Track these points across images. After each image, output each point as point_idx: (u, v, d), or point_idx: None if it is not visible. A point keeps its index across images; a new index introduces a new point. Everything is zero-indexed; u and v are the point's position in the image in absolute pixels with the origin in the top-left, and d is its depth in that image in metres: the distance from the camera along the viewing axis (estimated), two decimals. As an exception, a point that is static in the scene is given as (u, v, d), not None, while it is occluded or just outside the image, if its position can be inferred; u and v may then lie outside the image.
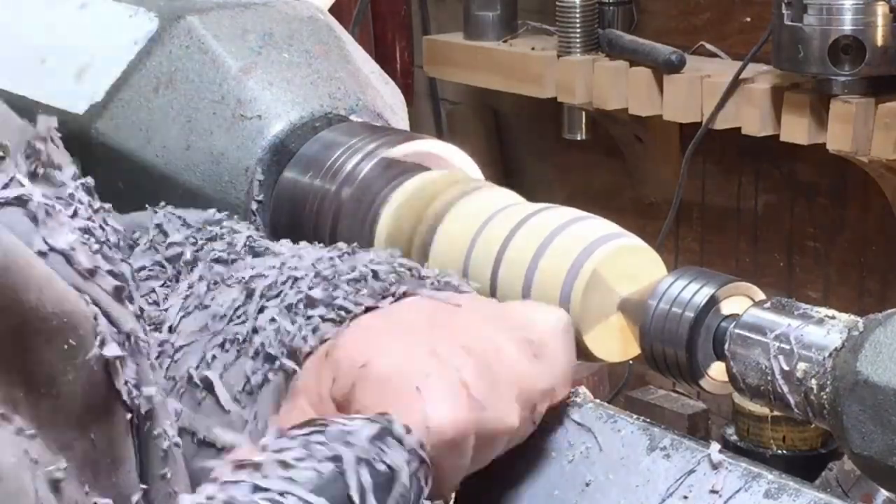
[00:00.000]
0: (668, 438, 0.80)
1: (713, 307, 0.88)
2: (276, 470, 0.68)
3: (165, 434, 0.74)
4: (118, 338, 0.70)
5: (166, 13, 1.24)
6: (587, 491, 0.80)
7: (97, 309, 0.69)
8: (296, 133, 1.17)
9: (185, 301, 0.86)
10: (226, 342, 0.82)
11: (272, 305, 0.83)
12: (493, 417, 0.77)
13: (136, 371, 0.71)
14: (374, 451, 0.71)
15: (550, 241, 0.96)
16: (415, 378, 0.75)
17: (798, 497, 0.73)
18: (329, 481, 0.69)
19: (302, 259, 0.87)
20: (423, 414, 0.74)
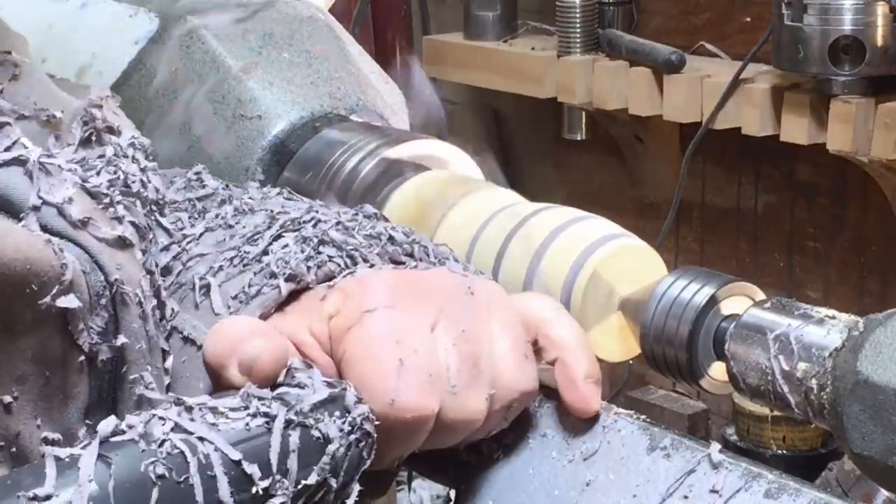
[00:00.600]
0: (668, 438, 0.80)
1: (713, 307, 0.88)
2: (205, 415, 0.70)
3: (141, 379, 0.79)
4: (98, 286, 0.77)
5: (166, 13, 1.24)
6: (587, 491, 0.80)
7: (71, 258, 0.75)
8: (296, 133, 1.17)
9: (213, 221, 0.90)
10: (236, 257, 0.85)
11: (289, 234, 0.85)
12: (460, 409, 0.77)
13: (107, 320, 0.77)
14: (312, 417, 0.72)
15: (550, 241, 0.96)
16: (403, 350, 0.76)
17: (798, 497, 0.73)
18: (253, 436, 0.70)
19: (328, 209, 0.89)
20: (395, 389, 0.75)
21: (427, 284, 0.81)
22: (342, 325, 0.78)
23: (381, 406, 0.75)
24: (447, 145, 1.15)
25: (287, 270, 0.82)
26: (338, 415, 0.73)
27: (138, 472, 0.67)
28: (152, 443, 0.68)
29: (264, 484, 0.69)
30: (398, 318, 0.77)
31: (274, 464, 0.70)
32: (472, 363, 0.78)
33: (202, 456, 0.68)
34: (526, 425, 0.84)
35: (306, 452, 0.71)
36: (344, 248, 0.84)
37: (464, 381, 0.77)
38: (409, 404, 0.75)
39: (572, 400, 0.82)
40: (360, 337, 0.77)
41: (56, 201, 0.77)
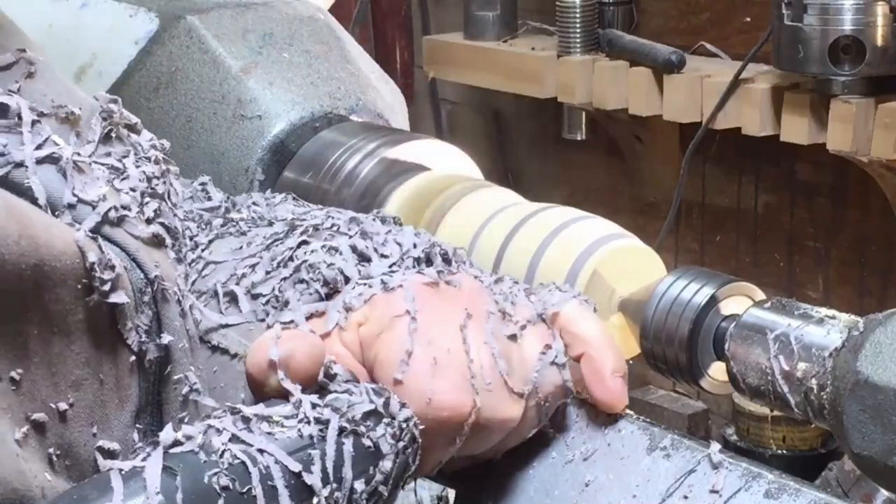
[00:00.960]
0: (668, 438, 0.80)
1: (713, 307, 0.88)
2: (260, 424, 0.70)
3: (186, 380, 0.78)
4: (140, 283, 0.76)
5: (166, 13, 1.24)
6: (587, 491, 0.80)
7: (111, 254, 0.74)
8: (296, 133, 1.17)
9: (222, 228, 0.90)
10: (258, 265, 0.84)
11: (313, 241, 0.84)
12: (496, 407, 0.78)
13: (153, 317, 0.76)
14: (363, 424, 0.72)
15: (550, 241, 0.96)
16: (435, 350, 0.76)
17: (798, 497, 0.73)
18: (307, 445, 0.70)
19: (343, 214, 0.88)
20: (431, 389, 0.75)
21: (451, 287, 0.81)
22: (372, 331, 0.78)
23: (418, 406, 0.75)
24: (447, 145, 1.15)
25: (320, 276, 0.82)
26: (387, 421, 0.73)
27: (203, 484, 0.67)
28: (212, 454, 0.68)
29: (325, 493, 0.69)
30: (427, 320, 0.78)
31: (330, 472, 0.70)
32: (504, 361, 0.78)
33: (262, 467, 0.68)
34: (526, 425, 0.84)
35: (360, 460, 0.71)
36: (367, 255, 0.83)
37: (498, 379, 0.77)
38: (446, 402, 0.75)
39: (601, 395, 0.82)
40: (392, 340, 0.77)
41: (90, 199, 0.77)
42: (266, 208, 0.93)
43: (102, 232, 0.76)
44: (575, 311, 0.83)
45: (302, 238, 0.85)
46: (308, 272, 0.82)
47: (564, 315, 0.82)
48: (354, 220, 0.87)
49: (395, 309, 0.78)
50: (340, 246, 0.83)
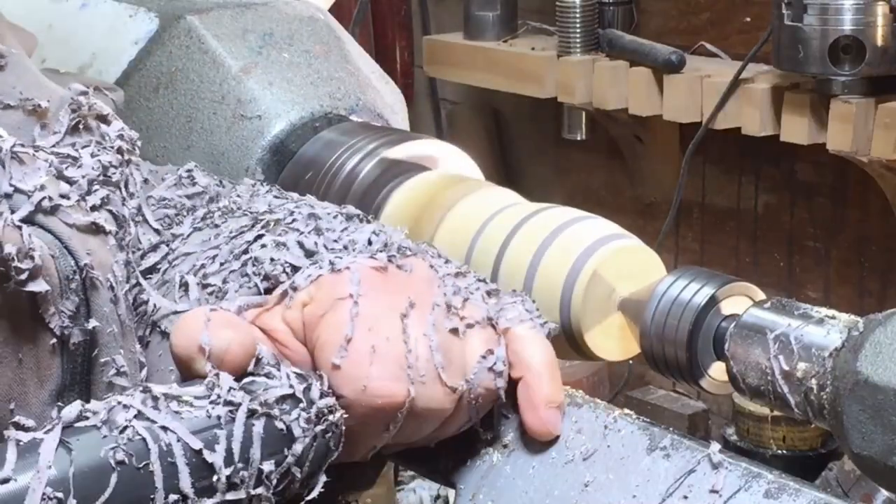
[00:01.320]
0: (668, 438, 0.80)
1: (713, 307, 0.88)
2: (170, 403, 0.72)
3: (113, 363, 0.80)
4: (68, 270, 0.78)
5: (166, 13, 1.24)
6: (587, 491, 0.80)
7: (39, 243, 0.76)
8: (296, 133, 1.17)
9: (201, 221, 0.92)
10: (218, 256, 0.87)
11: (268, 237, 0.86)
12: (429, 398, 0.78)
13: (77, 303, 0.79)
14: (278, 408, 0.73)
15: (550, 242, 0.96)
16: (375, 337, 0.77)
17: (798, 497, 0.73)
18: (215, 425, 0.72)
19: (312, 208, 0.90)
20: (367, 376, 0.76)
21: (401, 273, 0.82)
22: (315, 312, 0.79)
23: (353, 392, 0.76)
24: (447, 145, 1.15)
25: (262, 271, 0.84)
26: (303, 406, 0.74)
27: (98, 458, 0.68)
28: (115, 429, 0.70)
29: (226, 472, 0.71)
30: (370, 306, 0.78)
31: (236, 452, 0.72)
32: (441, 354, 0.79)
33: (164, 444, 0.70)
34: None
35: (270, 442, 0.73)
36: (315, 251, 0.84)
37: (432, 371, 0.78)
38: (381, 390, 0.77)
39: (531, 423, 0.82)
40: (333, 323, 0.78)
41: (27, 188, 0.79)
42: (246, 199, 0.94)
43: (36, 220, 0.79)
44: (525, 333, 0.83)
45: (259, 232, 0.87)
46: (252, 266, 0.84)
47: (514, 334, 0.83)
48: (313, 216, 0.88)
49: (339, 291, 0.79)
50: (288, 242, 0.85)
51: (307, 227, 0.87)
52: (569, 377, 2.82)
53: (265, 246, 0.85)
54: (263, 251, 0.85)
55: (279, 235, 0.86)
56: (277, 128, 1.17)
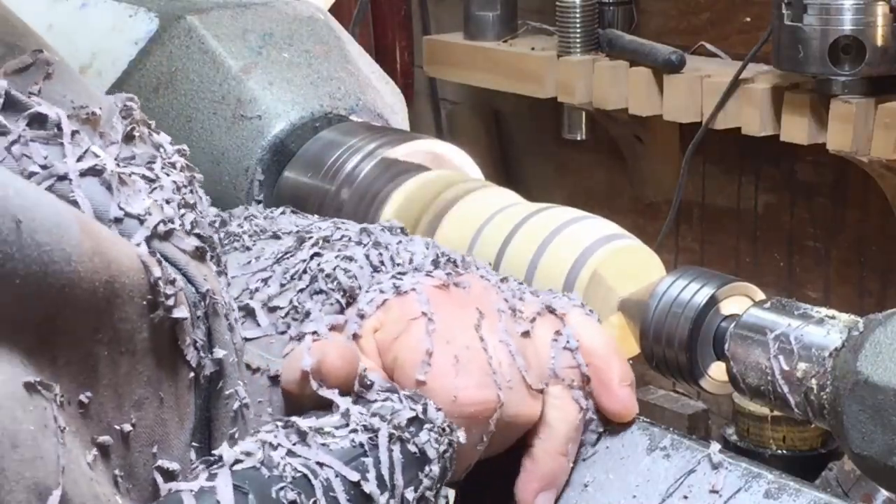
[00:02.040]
0: (668, 438, 0.80)
1: (713, 307, 0.88)
2: (314, 437, 0.70)
3: (236, 395, 0.76)
4: (193, 297, 0.74)
5: (166, 13, 1.24)
6: (587, 491, 0.80)
7: (169, 268, 0.72)
8: (296, 133, 1.17)
9: (228, 245, 0.88)
10: (271, 278, 0.83)
11: (326, 253, 0.84)
12: (519, 402, 0.78)
13: (206, 332, 0.75)
14: (408, 431, 0.72)
15: (550, 241, 0.96)
16: (455, 348, 0.77)
17: (798, 497, 0.73)
18: (361, 454, 0.71)
19: (350, 224, 0.88)
20: (455, 386, 0.76)
21: (462, 289, 0.81)
22: (389, 336, 0.78)
23: (444, 404, 0.75)
24: (447, 145, 1.15)
25: (338, 285, 0.81)
26: (429, 427, 0.73)
27: (271, 499, 0.67)
28: (273, 468, 0.68)
29: (382, 500, 0.70)
30: (443, 321, 0.78)
31: (386, 479, 0.71)
32: (521, 358, 0.79)
33: (323, 479, 0.69)
34: (526, 425, 0.84)
35: (407, 467, 0.72)
36: (380, 268, 0.83)
37: (517, 376, 0.78)
38: (471, 398, 0.76)
39: (610, 405, 0.82)
40: (411, 342, 0.77)
41: (136, 212, 0.74)
42: (266, 221, 0.92)
43: (152, 246, 0.74)
44: (580, 319, 0.83)
45: (314, 250, 0.84)
46: (326, 282, 0.82)
47: (570, 320, 0.83)
48: (365, 230, 0.87)
49: (410, 312, 0.78)
50: (355, 255, 0.83)
51: (364, 241, 0.85)
52: (569, 377, 2.83)
53: (329, 261, 0.83)
54: (330, 265, 0.83)
55: (340, 250, 0.84)
56: (277, 128, 1.17)
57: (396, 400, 0.74)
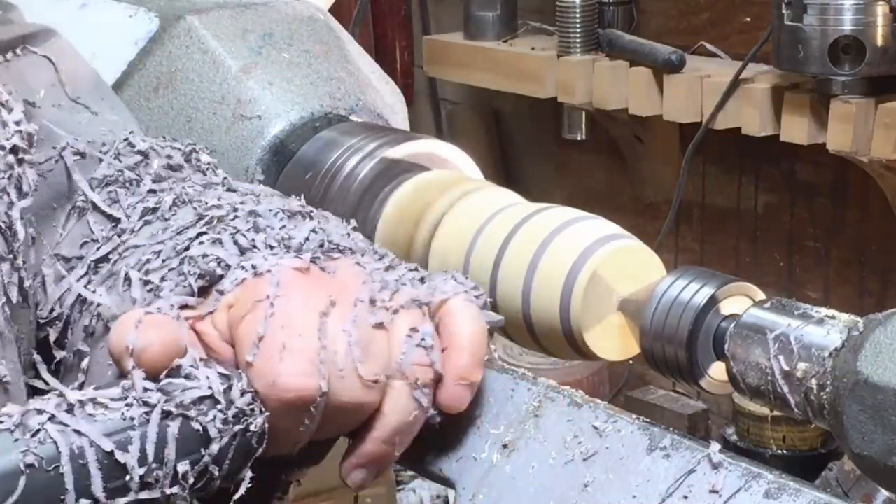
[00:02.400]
0: (668, 438, 0.80)
1: (713, 307, 0.88)
2: (85, 405, 0.74)
3: (70, 352, 0.84)
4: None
5: (166, 13, 1.24)
6: (587, 491, 0.80)
7: None
8: (296, 133, 1.17)
9: (152, 213, 0.92)
10: (161, 252, 0.88)
11: (209, 234, 0.87)
12: (349, 391, 0.80)
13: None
14: (195, 409, 0.76)
15: (550, 241, 0.96)
16: (286, 335, 0.79)
17: (798, 497, 0.73)
18: (129, 427, 0.74)
19: (258, 203, 0.91)
20: (276, 372, 0.78)
21: (327, 274, 0.84)
22: (238, 314, 0.81)
23: (264, 387, 0.78)
24: (447, 145, 1.15)
25: (196, 270, 0.85)
26: (221, 407, 0.76)
27: (9, 461, 0.71)
28: (27, 433, 0.71)
29: (140, 472, 0.73)
30: (286, 306, 0.80)
31: (150, 453, 0.74)
32: (360, 348, 0.80)
33: (76, 447, 0.72)
34: (526, 424, 0.84)
35: (185, 442, 0.75)
36: (251, 247, 0.86)
37: (350, 366, 0.80)
38: (289, 385, 0.78)
39: (440, 397, 0.84)
40: (248, 324, 0.80)
41: None
42: (199, 190, 0.94)
43: None
44: (456, 307, 0.84)
45: (202, 229, 0.88)
46: (188, 264, 0.85)
47: (445, 309, 0.84)
48: (254, 212, 0.89)
49: (259, 293, 0.81)
50: (224, 239, 0.86)
51: (246, 224, 0.88)
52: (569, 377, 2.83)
53: (203, 243, 0.86)
54: (199, 248, 0.86)
55: (218, 233, 0.87)
56: (277, 128, 1.17)
57: (198, 377, 0.76)
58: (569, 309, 0.94)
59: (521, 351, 2.81)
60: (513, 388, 0.88)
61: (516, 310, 0.96)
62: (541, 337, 0.97)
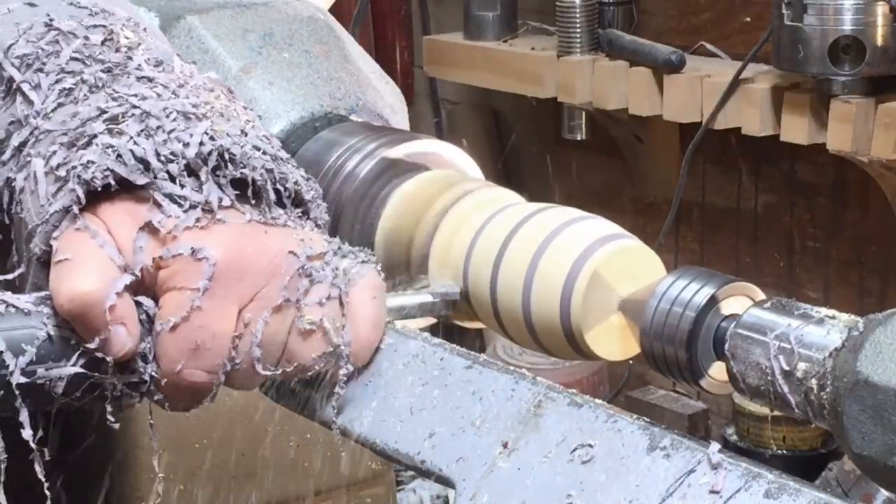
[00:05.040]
0: (668, 438, 0.80)
1: (713, 307, 0.88)
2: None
3: None
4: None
5: (166, 13, 1.24)
6: (587, 491, 0.80)
7: None
8: (296, 133, 1.17)
9: (66, 95, 0.92)
10: (66, 143, 0.88)
11: (103, 130, 0.87)
12: (241, 382, 0.86)
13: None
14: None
15: (550, 241, 0.96)
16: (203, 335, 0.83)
17: (798, 497, 0.73)
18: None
19: (176, 97, 0.91)
20: (181, 363, 0.83)
21: (255, 259, 0.85)
22: (166, 279, 0.84)
23: (165, 365, 0.83)
24: (447, 145, 1.15)
25: (82, 176, 0.85)
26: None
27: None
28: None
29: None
30: (211, 301, 0.83)
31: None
32: (265, 347, 0.85)
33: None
34: (526, 424, 0.84)
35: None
36: (146, 159, 0.86)
37: (249, 362, 0.85)
38: (191, 377, 0.84)
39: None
40: (172, 304, 0.83)
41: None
42: (114, 74, 0.93)
43: None
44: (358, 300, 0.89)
45: (101, 128, 0.87)
46: (81, 166, 0.85)
47: (351, 299, 0.88)
48: (147, 113, 0.88)
49: (190, 279, 0.83)
50: (120, 149, 0.86)
51: (139, 126, 0.87)
52: (569, 377, 2.83)
53: (96, 146, 0.86)
54: (94, 149, 0.86)
55: (115, 136, 0.87)
56: (277, 128, 1.17)
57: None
58: (569, 309, 0.94)
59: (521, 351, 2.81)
60: (513, 388, 0.88)
61: (516, 310, 0.96)
62: (541, 337, 0.97)
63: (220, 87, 0.95)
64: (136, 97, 0.90)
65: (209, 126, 0.89)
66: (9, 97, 0.93)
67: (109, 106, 0.89)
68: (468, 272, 0.99)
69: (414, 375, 0.93)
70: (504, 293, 0.97)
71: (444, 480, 0.87)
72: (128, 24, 0.99)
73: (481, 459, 0.85)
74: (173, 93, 0.91)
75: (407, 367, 0.93)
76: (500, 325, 0.99)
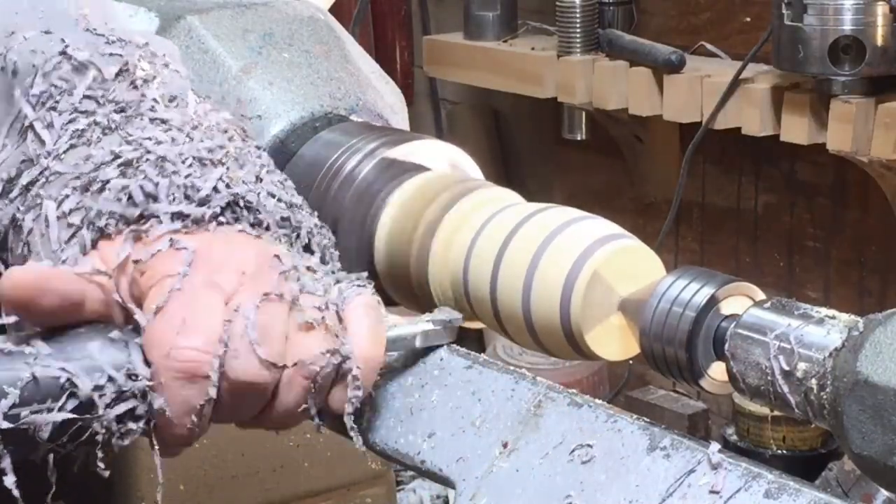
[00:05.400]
0: (668, 438, 0.80)
1: (713, 307, 0.88)
2: None
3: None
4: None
5: (166, 13, 1.24)
6: (587, 491, 0.80)
7: None
8: (296, 133, 1.17)
9: (79, 136, 0.91)
10: (79, 187, 0.88)
11: (118, 180, 0.87)
12: (242, 371, 0.82)
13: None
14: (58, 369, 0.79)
15: (550, 241, 0.96)
16: (187, 310, 0.81)
17: (798, 497, 0.73)
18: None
19: (190, 140, 0.91)
20: (172, 343, 0.80)
21: (233, 254, 0.85)
22: (147, 283, 0.83)
23: (157, 357, 0.80)
24: (447, 145, 1.15)
25: (94, 222, 0.85)
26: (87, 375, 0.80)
27: None
28: None
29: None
30: (192, 282, 0.82)
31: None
32: (261, 331, 0.82)
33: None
34: (526, 424, 0.84)
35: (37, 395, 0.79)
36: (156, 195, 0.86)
37: (245, 346, 0.81)
38: (184, 356, 0.80)
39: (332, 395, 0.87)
40: (155, 294, 0.82)
41: None
42: (127, 115, 0.93)
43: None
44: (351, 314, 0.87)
45: (114, 172, 0.87)
46: (93, 213, 0.86)
47: (348, 315, 0.86)
48: (163, 158, 0.88)
49: (170, 268, 0.82)
50: (131, 188, 0.86)
51: (152, 171, 0.87)
52: (569, 377, 2.83)
53: (109, 191, 0.86)
54: (105, 202, 0.86)
55: (128, 178, 0.87)
56: (277, 128, 1.17)
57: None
58: (569, 309, 0.93)
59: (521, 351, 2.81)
60: (513, 388, 0.88)
61: (516, 310, 0.96)
62: (541, 337, 0.97)
63: (233, 127, 0.95)
64: (150, 141, 0.90)
65: (224, 173, 0.89)
66: (20, 135, 0.92)
67: (123, 150, 0.89)
68: (468, 273, 0.99)
69: (414, 375, 0.93)
70: (504, 293, 0.97)
71: (444, 480, 0.87)
72: (144, 54, 0.97)
73: (481, 459, 0.85)
74: (188, 135, 0.91)
75: (407, 367, 0.94)
76: (500, 325, 0.99)
